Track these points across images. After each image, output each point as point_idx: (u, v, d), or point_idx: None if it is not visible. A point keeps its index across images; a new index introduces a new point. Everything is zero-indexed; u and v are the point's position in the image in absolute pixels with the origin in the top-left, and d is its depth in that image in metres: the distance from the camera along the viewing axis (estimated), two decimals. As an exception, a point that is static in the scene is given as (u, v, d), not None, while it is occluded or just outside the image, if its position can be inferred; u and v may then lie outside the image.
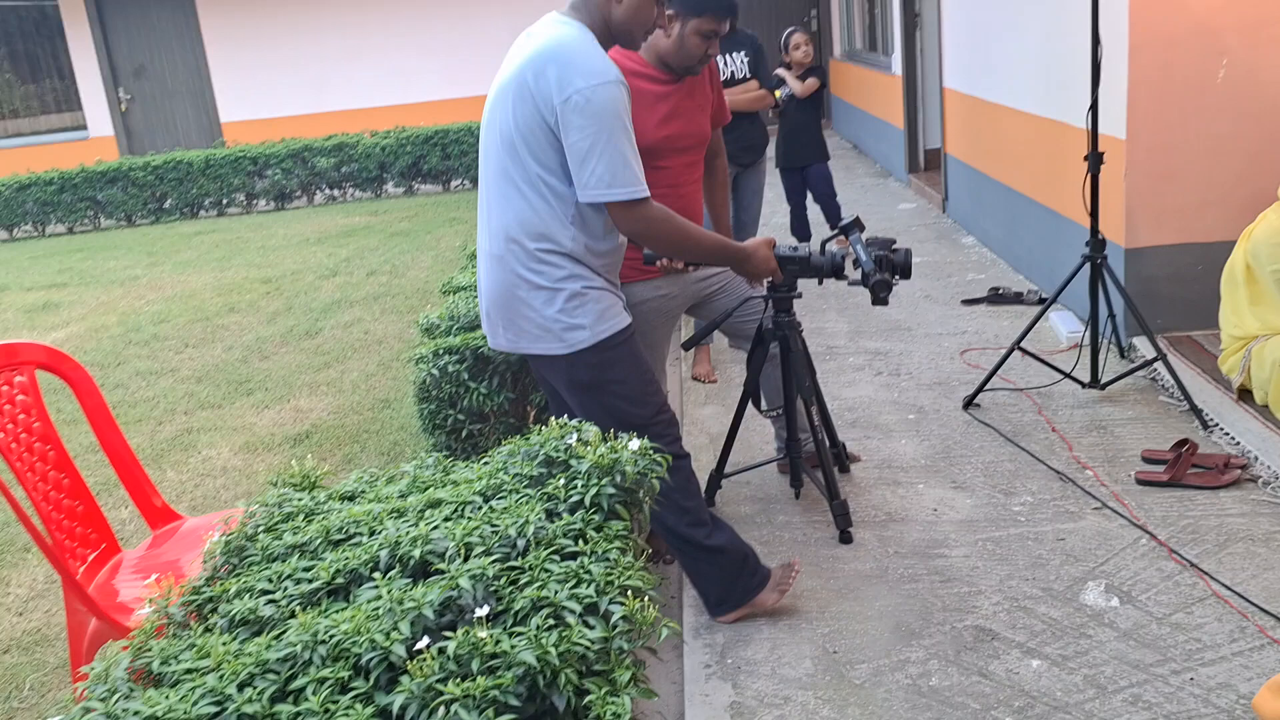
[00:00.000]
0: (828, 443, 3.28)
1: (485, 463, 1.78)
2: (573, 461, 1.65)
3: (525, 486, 1.64)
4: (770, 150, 5.25)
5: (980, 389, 3.85)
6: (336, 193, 10.71)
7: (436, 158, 10.32)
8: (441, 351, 2.72)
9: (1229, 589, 2.57)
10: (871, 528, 3.07)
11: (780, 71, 5.81)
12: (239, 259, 8.07)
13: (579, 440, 1.69)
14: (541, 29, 2.31)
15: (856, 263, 2.74)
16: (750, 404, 3.15)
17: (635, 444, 1.67)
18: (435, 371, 2.69)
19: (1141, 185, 3.99)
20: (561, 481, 1.61)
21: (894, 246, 2.73)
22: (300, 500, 1.73)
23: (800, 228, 6.18)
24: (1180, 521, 2.91)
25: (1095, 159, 3.58)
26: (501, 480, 1.66)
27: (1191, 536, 2.83)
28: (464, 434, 2.75)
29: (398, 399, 4.54)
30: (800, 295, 2.95)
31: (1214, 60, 3.84)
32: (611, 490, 1.58)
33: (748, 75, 4.68)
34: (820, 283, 2.79)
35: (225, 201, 10.56)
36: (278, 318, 6.16)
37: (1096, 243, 3.64)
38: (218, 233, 9.46)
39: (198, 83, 12.44)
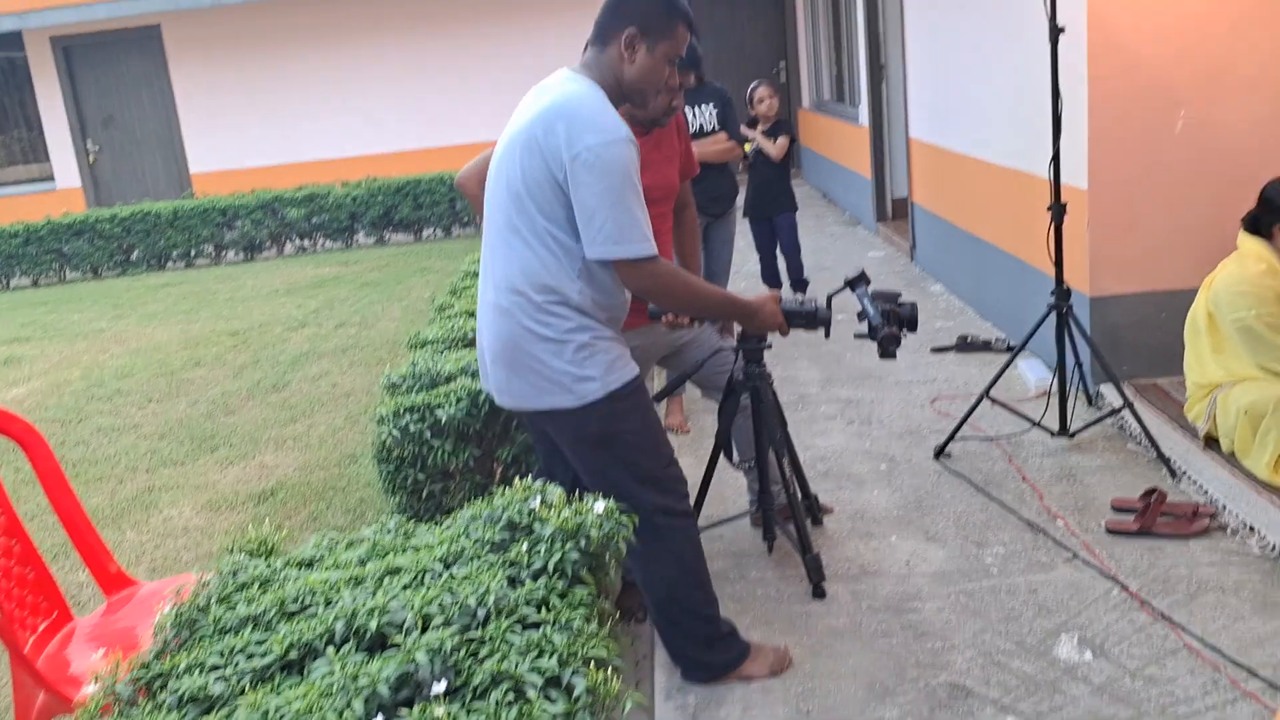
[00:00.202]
0: (800, 495, 3.26)
1: (447, 526, 1.74)
2: (536, 525, 1.61)
3: (487, 552, 1.60)
4: (740, 200, 5.28)
5: (950, 438, 3.85)
6: (307, 243, 10.67)
7: (408, 208, 10.32)
8: (402, 410, 2.68)
9: (1201, 641, 2.56)
10: (845, 582, 3.04)
11: (748, 131, 5.83)
12: (206, 311, 7.99)
13: (543, 503, 1.66)
14: (553, 84, 2.31)
15: (862, 316, 2.70)
16: (722, 456, 3.12)
17: (600, 506, 1.64)
18: (396, 432, 2.64)
19: (1104, 235, 4.04)
20: (524, 546, 1.57)
21: (900, 300, 2.69)
22: (256, 568, 1.68)
23: (770, 277, 6.20)
24: (1151, 572, 2.90)
25: (1058, 210, 3.62)
26: (463, 546, 1.62)
27: (1162, 587, 2.82)
28: (425, 494, 2.70)
29: (364, 454, 4.48)
30: (770, 346, 2.95)
31: (1171, 112, 3.92)
32: (576, 555, 1.55)
33: (716, 127, 4.72)
34: (827, 335, 2.74)
35: (193, 253, 10.48)
36: (244, 371, 6.09)
37: (1061, 292, 3.67)
38: (185, 284, 9.38)
39: (167, 133, 12.41)
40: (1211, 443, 3.48)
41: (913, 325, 2.67)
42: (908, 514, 3.42)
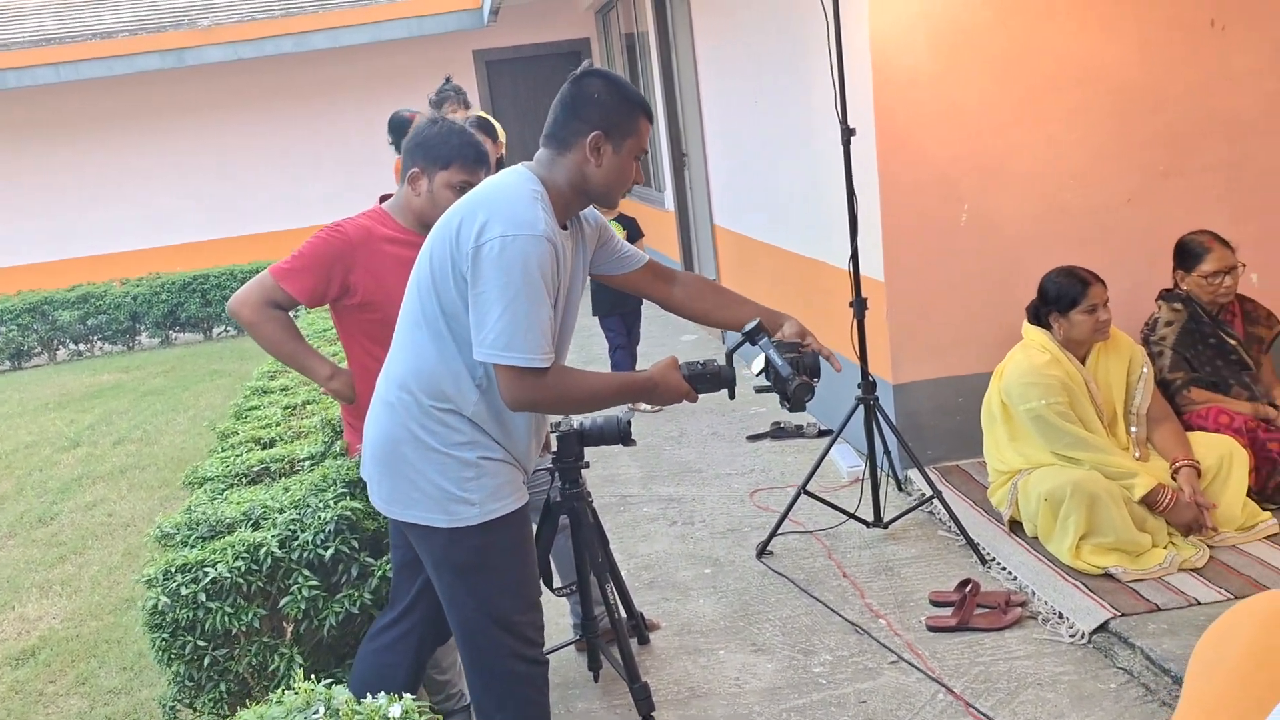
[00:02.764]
0: (625, 615, 3.11)
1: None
2: (319, 741, 1.39)
3: (259, 782, 1.36)
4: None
5: (772, 535, 3.82)
6: (83, 348, 9.84)
7: (196, 305, 9.70)
8: (173, 570, 2.37)
9: (1028, 743, 2.55)
10: (675, 707, 2.91)
11: None
12: (-39, 432, 7.17)
13: (327, 711, 1.44)
14: (496, 176, 2.16)
15: (765, 369, 2.45)
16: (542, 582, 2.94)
17: (396, 710, 1.43)
18: (166, 596, 2.33)
19: (902, 324, 4.16)
20: (304, 772, 1.34)
21: (801, 347, 2.47)
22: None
23: (629, 365, 6.08)
24: (973, 670, 2.91)
25: (859, 305, 3.69)
26: (230, 775, 1.37)
27: (984, 685, 2.83)
28: (207, 662, 2.39)
29: (144, 596, 4.02)
30: (588, 465, 2.81)
31: (956, 206, 4.10)
32: (366, 777, 1.33)
33: None
34: (731, 396, 2.45)
35: (-51, 363, 9.48)
36: (5, 503, 5.43)
37: (867, 384, 3.72)
38: (-63, 400, 8.42)
39: (-83, 231, 11.26)
40: (1016, 526, 3.58)
41: (817, 373, 2.46)
42: (735, 623, 3.33)
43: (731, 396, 2.42)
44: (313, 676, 1.58)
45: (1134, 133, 4.11)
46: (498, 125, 5.86)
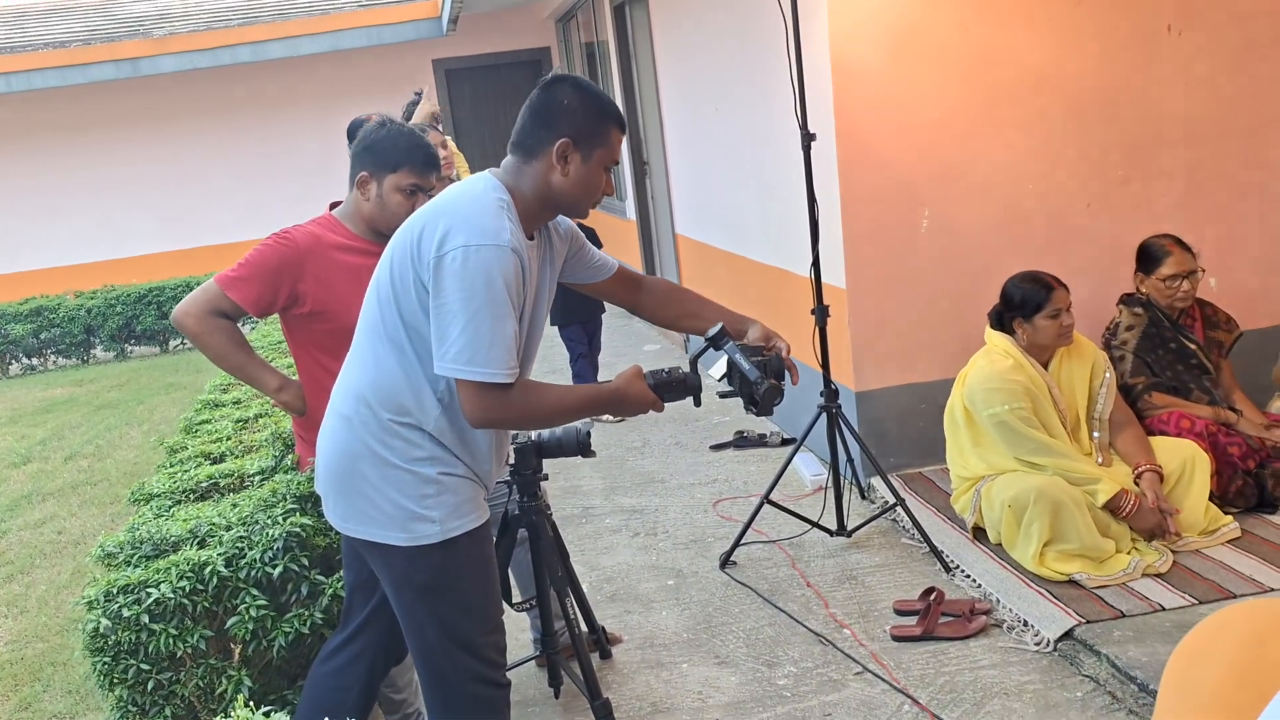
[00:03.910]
0: (586, 629, 3.05)
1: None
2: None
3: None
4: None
5: (735, 546, 3.77)
6: (36, 362, 9.62)
7: (151, 317, 9.51)
8: (115, 591, 2.28)
9: (993, 753, 2.52)
10: (637, 723, 2.85)
11: None
12: (-94, 449, 6.97)
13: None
14: (462, 182, 2.10)
15: (729, 374, 2.38)
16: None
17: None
18: (108, 619, 2.25)
19: (864, 331, 4.14)
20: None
21: (764, 350, 2.40)
22: None
23: (591, 373, 6.02)
24: (938, 680, 2.88)
25: (821, 313, 3.66)
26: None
27: (950, 696, 2.79)
28: (150, 686, 2.30)
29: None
30: (547, 477, 2.75)
31: (917, 212, 4.08)
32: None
33: None
34: (697, 404, 2.36)
35: (-106, 378, 9.24)
36: (-52, 522, 5.28)
37: (830, 393, 3.70)
38: (-118, 417, 8.19)
39: None
40: (980, 533, 3.56)
41: (782, 376, 2.40)
42: (698, 635, 3.28)
43: (698, 404, 2.36)
44: (251, 705, 1.51)
45: (1093, 139, 4.12)
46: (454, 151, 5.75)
